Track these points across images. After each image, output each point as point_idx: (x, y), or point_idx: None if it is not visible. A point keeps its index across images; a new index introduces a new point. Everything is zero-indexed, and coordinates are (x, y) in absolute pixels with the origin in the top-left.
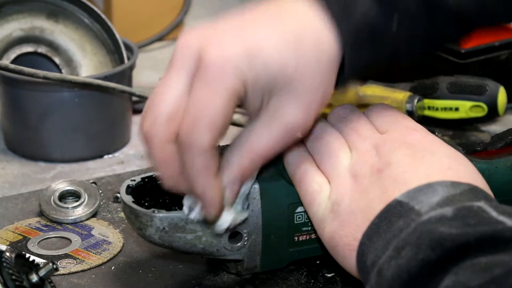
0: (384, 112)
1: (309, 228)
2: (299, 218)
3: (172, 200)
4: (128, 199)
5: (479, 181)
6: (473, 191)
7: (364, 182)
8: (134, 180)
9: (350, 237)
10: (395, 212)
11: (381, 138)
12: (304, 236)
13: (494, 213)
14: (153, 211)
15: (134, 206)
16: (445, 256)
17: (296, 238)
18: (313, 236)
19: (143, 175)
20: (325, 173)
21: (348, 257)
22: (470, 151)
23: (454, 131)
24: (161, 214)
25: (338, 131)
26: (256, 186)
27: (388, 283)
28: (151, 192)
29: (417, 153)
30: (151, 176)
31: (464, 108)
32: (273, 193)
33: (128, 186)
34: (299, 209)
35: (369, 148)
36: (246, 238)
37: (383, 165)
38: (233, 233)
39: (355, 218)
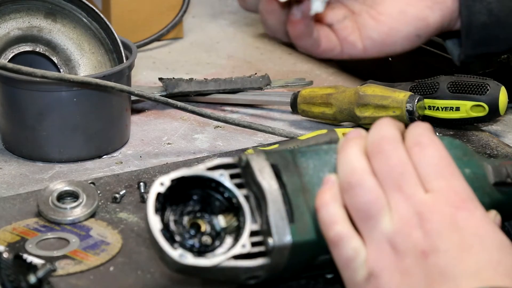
0: (428, 153)
1: (324, 266)
2: (318, 261)
3: (202, 199)
4: (156, 224)
5: None
6: None
7: (406, 261)
8: (163, 184)
9: None
10: None
11: (426, 206)
12: (316, 269)
13: None
14: (181, 256)
15: (161, 241)
16: None
17: (307, 273)
18: (325, 269)
19: (172, 176)
20: (361, 233)
21: None
22: (499, 182)
23: (454, 131)
24: (188, 261)
25: (378, 180)
26: (289, 243)
27: None
28: (179, 191)
29: (466, 240)
30: (182, 177)
31: (465, 108)
32: (303, 250)
33: (157, 198)
34: (322, 257)
35: (411, 215)
36: (261, 279)
37: (429, 250)
38: (252, 276)
39: None
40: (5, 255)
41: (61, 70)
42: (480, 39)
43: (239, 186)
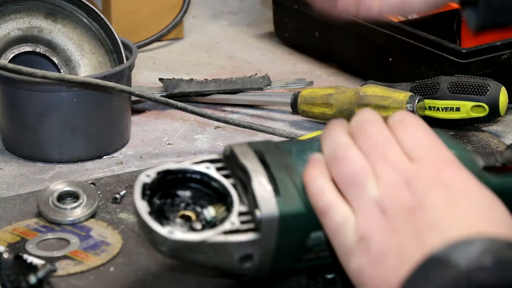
0: (411, 129)
1: (319, 248)
2: (312, 241)
3: (191, 195)
4: (143, 207)
5: None
6: (511, 244)
7: (395, 220)
8: (149, 176)
9: (382, 279)
10: (432, 265)
11: (412, 172)
12: (312, 255)
13: None
14: (170, 232)
15: (149, 221)
16: None
17: (304, 257)
18: (321, 254)
19: (158, 169)
20: (349, 201)
21: None
22: (488, 166)
23: (455, 132)
24: (177, 236)
25: (364, 154)
26: (277, 214)
27: None
28: (166, 186)
29: (452, 195)
30: (168, 170)
31: (465, 108)
32: (292, 223)
33: (144, 187)
34: (314, 234)
35: (399, 182)
36: (256, 260)
37: (417, 204)
38: (245, 255)
39: (387, 259)
40: (6, 255)
41: (62, 71)
42: (499, 7)
43: (225, 177)
